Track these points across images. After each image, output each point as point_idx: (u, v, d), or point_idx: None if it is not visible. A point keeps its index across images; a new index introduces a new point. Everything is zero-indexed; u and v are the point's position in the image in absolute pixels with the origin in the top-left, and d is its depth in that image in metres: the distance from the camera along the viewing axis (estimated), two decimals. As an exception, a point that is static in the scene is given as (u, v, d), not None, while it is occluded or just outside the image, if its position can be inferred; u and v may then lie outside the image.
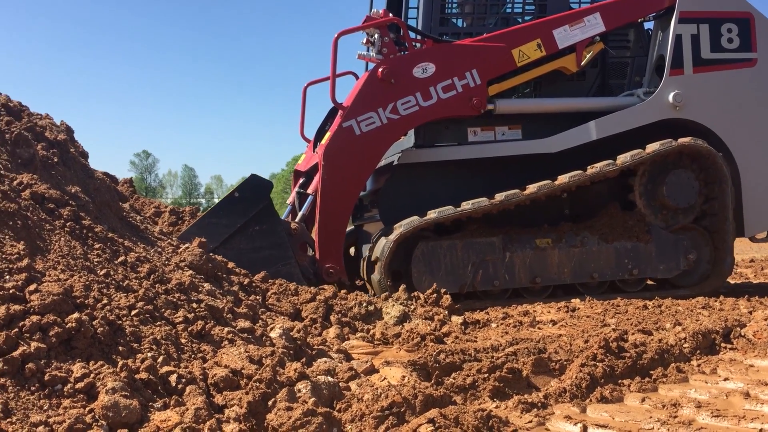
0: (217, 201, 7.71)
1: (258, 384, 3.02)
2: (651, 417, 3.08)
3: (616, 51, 8.50)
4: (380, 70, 7.39)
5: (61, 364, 2.83)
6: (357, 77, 8.89)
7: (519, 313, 6.40)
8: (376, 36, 7.64)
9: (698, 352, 4.31)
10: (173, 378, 3.05)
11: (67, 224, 4.11)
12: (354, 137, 7.35)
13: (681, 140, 7.46)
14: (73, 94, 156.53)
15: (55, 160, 4.90)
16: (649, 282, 8.06)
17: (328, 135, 7.64)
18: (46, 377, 2.71)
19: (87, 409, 2.62)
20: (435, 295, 6.29)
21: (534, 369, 3.80)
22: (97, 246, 4.13)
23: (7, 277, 3.14)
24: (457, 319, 5.79)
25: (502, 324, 5.88)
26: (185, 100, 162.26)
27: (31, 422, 2.44)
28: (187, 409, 2.76)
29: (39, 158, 4.67)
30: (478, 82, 7.60)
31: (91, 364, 2.89)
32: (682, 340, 4.40)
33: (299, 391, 3.12)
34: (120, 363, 2.94)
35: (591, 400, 3.41)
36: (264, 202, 7.04)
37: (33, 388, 2.66)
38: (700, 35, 7.92)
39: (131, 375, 2.88)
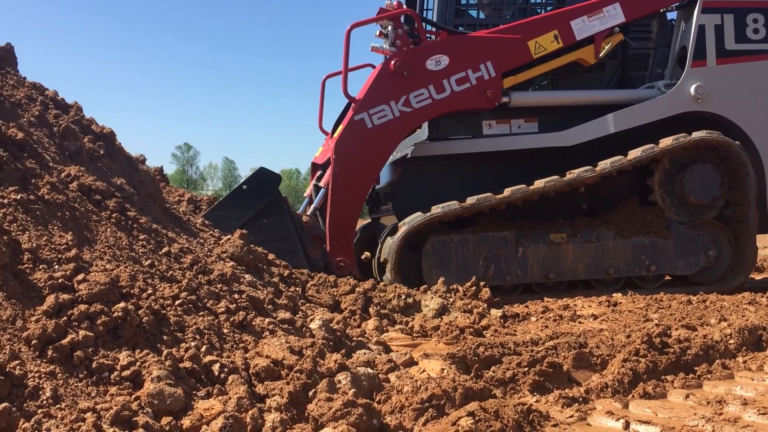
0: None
1: (299, 374, 3.05)
2: (695, 414, 3.03)
3: (638, 42, 8.27)
4: (393, 62, 7.32)
5: (108, 352, 2.90)
6: None
7: (559, 306, 6.34)
8: (389, 28, 7.56)
9: (744, 348, 4.22)
10: (216, 367, 3.10)
11: (113, 215, 4.19)
12: (366, 130, 7.30)
13: (695, 134, 7.27)
14: (117, 87, 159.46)
15: (102, 152, 5.00)
16: (667, 278, 7.88)
17: (340, 128, 7.61)
18: (94, 365, 2.78)
19: (133, 396, 2.67)
20: (474, 287, 6.26)
21: (575, 363, 3.76)
22: (141, 237, 4.21)
23: (57, 266, 3.22)
24: (496, 312, 5.77)
25: (541, 318, 5.84)
26: (227, 93, 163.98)
27: (79, 408, 2.50)
28: (230, 398, 2.80)
29: (86, 151, 4.77)
30: (492, 74, 7.49)
31: (136, 353, 2.95)
32: (728, 336, 4.31)
33: (339, 382, 3.14)
34: (165, 352, 3.00)
35: (633, 396, 3.37)
36: (272, 195, 7.04)
37: (81, 376, 2.73)
38: (724, 25, 7.69)
39: (175, 364, 2.94)
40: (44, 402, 2.48)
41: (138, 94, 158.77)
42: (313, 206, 7.69)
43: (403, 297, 5.83)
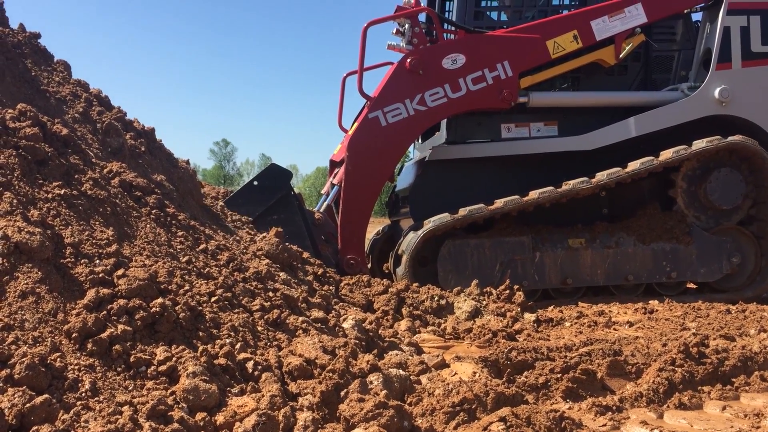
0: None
1: (331, 374, 3.07)
2: (732, 426, 2.98)
3: (661, 44, 8.10)
4: (408, 60, 7.27)
5: (146, 347, 2.95)
6: None
7: (594, 312, 6.27)
8: (406, 26, 7.51)
9: (784, 360, 4.13)
10: (250, 365, 3.14)
11: (153, 212, 4.27)
12: (380, 128, 7.25)
13: (696, 142, 7.12)
14: (158, 81, 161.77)
15: (143, 149, 5.10)
16: (689, 285, 7.72)
17: (354, 126, 7.57)
18: (132, 359, 2.83)
19: (169, 391, 2.72)
20: (508, 291, 6.23)
21: (609, 371, 3.72)
22: (180, 233, 4.27)
23: (97, 261, 3.29)
24: (529, 317, 5.73)
25: (576, 323, 5.78)
26: (267, 89, 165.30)
27: (117, 402, 2.55)
28: (263, 396, 2.83)
29: (128, 147, 4.86)
30: (509, 74, 7.40)
31: (173, 348, 3.00)
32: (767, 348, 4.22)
33: (371, 383, 3.15)
34: (200, 348, 3.05)
35: (669, 406, 3.32)
36: (283, 192, 7.04)
37: (119, 369, 2.78)
38: (750, 27, 7.50)
39: (210, 360, 2.98)
40: (83, 394, 2.54)
41: (178, 89, 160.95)
42: (326, 203, 7.70)
43: (436, 298, 5.83)
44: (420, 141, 9.10)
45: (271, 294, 4.14)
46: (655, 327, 5.48)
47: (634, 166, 7.13)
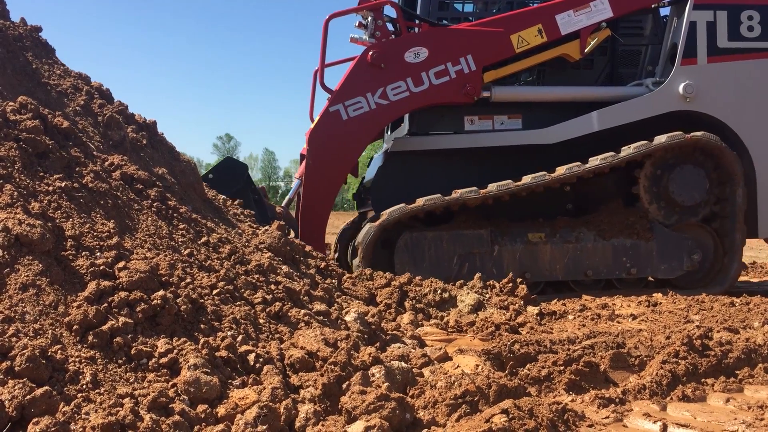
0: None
1: (333, 367, 3.06)
2: (735, 418, 2.97)
3: (629, 39, 8.02)
4: (370, 53, 7.19)
5: (147, 339, 2.94)
6: None
7: (597, 305, 6.26)
8: (369, 19, 7.44)
9: (788, 353, 4.11)
10: (251, 357, 3.13)
11: (154, 204, 4.26)
12: (341, 122, 7.20)
13: (655, 139, 7.10)
14: (159, 75, 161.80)
15: (144, 142, 5.08)
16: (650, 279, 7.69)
17: (316, 119, 7.49)
18: (133, 351, 2.82)
19: (170, 383, 2.71)
20: (511, 284, 6.22)
21: (612, 364, 3.71)
22: (181, 226, 4.26)
23: (98, 254, 3.28)
24: (532, 310, 5.72)
25: (579, 316, 5.77)
26: (269, 84, 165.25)
27: (118, 394, 2.55)
28: (264, 388, 2.82)
29: (129, 140, 4.85)
30: (472, 68, 7.34)
31: (174, 341, 2.99)
32: (772, 340, 4.20)
33: (373, 375, 3.14)
34: (201, 340, 3.04)
35: (672, 399, 3.31)
36: (238, 185, 7.00)
37: (120, 362, 2.77)
38: (717, 22, 7.44)
39: (212, 352, 2.97)
40: (84, 386, 2.53)
41: (180, 83, 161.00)
42: (288, 197, 7.66)
43: (439, 292, 5.82)
44: (389, 132, 9.03)
45: (273, 287, 4.13)
46: (658, 319, 5.47)
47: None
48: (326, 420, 2.76)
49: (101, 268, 3.15)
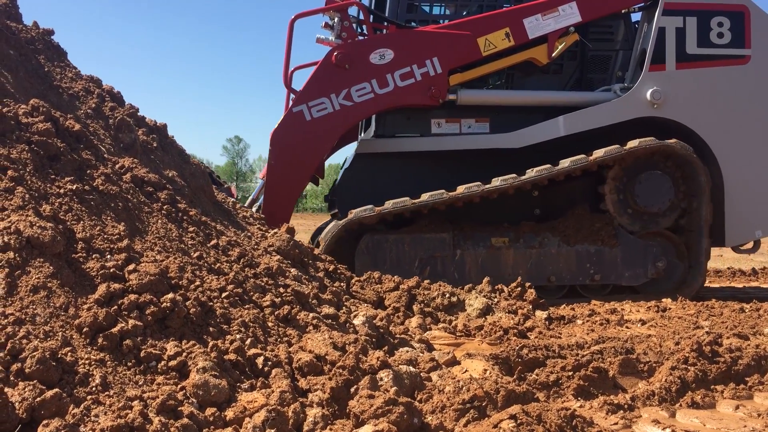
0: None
1: (341, 370, 3.07)
2: (745, 426, 2.95)
3: (600, 44, 7.94)
4: (335, 54, 7.14)
5: (156, 342, 2.95)
6: None
7: (606, 310, 6.24)
8: (336, 20, 7.39)
9: (799, 360, 4.08)
10: (260, 360, 3.14)
11: (164, 207, 4.28)
12: (304, 123, 7.13)
13: (630, 143, 7.04)
14: (170, 78, 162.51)
15: (155, 144, 5.11)
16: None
17: (279, 120, 7.44)
18: (142, 354, 2.83)
19: (179, 386, 2.72)
20: (519, 288, 6.21)
21: (621, 369, 3.69)
22: (191, 229, 4.28)
23: (109, 256, 3.30)
24: (541, 314, 5.71)
25: (588, 321, 5.75)
26: (278, 87, 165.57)
27: (127, 396, 2.56)
28: (273, 392, 2.83)
29: (140, 143, 4.87)
30: (438, 70, 7.27)
31: (183, 343, 3.00)
32: (782, 347, 4.18)
33: (381, 379, 3.15)
34: (210, 343, 3.05)
35: (681, 405, 3.30)
36: None
37: (129, 364, 2.79)
38: (686, 28, 7.36)
39: (221, 355, 2.98)
40: (93, 389, 2.55)
41: (189, 85, 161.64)
42: (250, 199, 7.63)
43: (447, 296, 5.81)
44: (363, 134, 8.94)
45: (281, 290, 4.14)
46: (667, 325, 5.44)
47: (564, 163, 7.05)
48: (334, 424, 2.76)
49: (111, 270, 3.17)
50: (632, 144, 7.07)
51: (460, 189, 7.00)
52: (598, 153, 7.07)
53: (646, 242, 7.28)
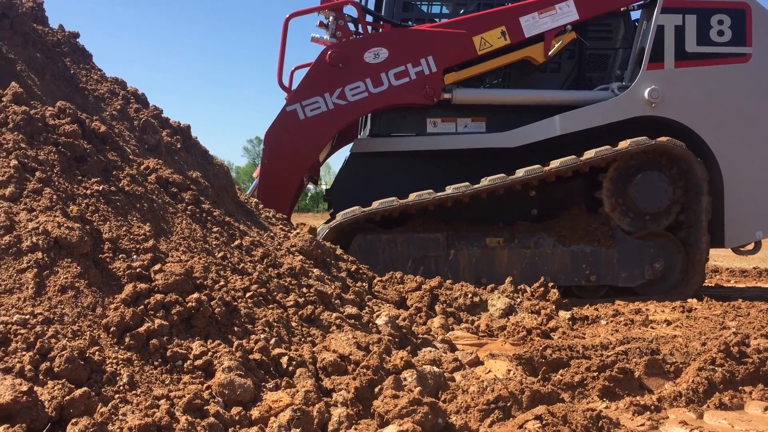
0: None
1: (365, 370, 3.07)
2: (775, 428, 2.91)
3: (599, 42, 7.83)
4: (329, 53, 7.10)
5: (182, 341, 2.97)
6: None
7: (630, 311, 6.18)
8: (330, 18, 7.35)
9: (829, 361, 4.02)
10: (284, 360, 3.15)
11: (189, 208, 4.31)
12: (297, 122, 7.10)
13: (622, 143, 6.95)
14: (192, 79, 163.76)
15: (178, 145, 5.15)
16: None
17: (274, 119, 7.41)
18: (168, 353, 2.85)
19: (205, 385, 2.74)
20: (542, 288, 6.18)
21: (647, 370, 3.66)
22: (215, 229, 4.31)
23: (135, 256, 3.33)
24: (564, 314, 5.67)
25: (612, 321, 5.71)
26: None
27: (154, 395, 2.58)
28: (297, 391, 2.84)
29: (164, 144, 4.92)
30: (433, 69, 7.22)
31: (209, 343, 3.02)
32: (811, 348, 4.11)
33: (405, 379, 3.14)
34: (235, 343, 3.06)
35: (708, 406, 3.26)
36: None
37: (156, 363, 2.81)
38: (685, 26, 7.26)
39: (246, 355, 2.99)
40: (121, 388, 2.57)
41: (212, 87, 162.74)
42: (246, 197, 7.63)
43: (470, 296, 5.79)
44: (361, 134, 8.90)
45: (305, 290, 4.15)
46: (693, 326, 5.39)
47: (555, 163, 6.97)
48: (359, 424, 2.77)
49: (137, 270, 3.20)
50: (623, 144, 6.99)
51: (448, 189, 6.96)
52: (589, 154, 6.99)
53: (643, 243, 7.20)
